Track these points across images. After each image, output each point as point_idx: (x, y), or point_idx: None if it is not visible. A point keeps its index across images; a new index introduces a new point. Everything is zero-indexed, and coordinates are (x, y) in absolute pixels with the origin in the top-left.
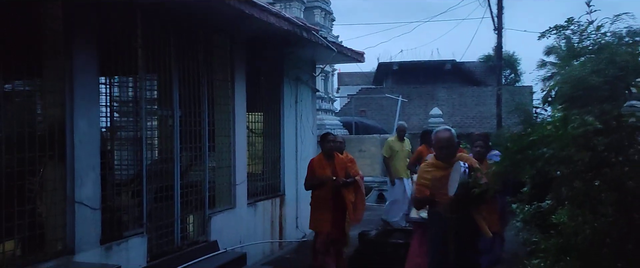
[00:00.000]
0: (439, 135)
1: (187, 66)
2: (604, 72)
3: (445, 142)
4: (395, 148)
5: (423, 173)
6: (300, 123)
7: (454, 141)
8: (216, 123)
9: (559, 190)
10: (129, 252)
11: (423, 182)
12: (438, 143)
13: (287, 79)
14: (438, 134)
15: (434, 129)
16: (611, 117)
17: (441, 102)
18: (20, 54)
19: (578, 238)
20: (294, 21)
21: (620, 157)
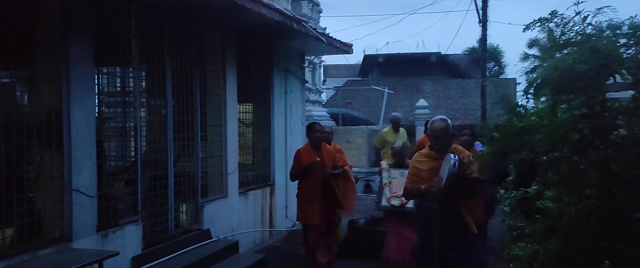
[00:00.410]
0: (434, 125)
1: (180, 57)
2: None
3: (440, 131)
4: (389, 139)
5: (416, 164)
6: (290, 113)
7: (449, 131)
8: (208, 113)
9: (545, 174)
10: (125, 239)
11: (416, 172)
12: (433, 132)
13: (277, 70)
14: (433, 124)
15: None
16: (596, 102)
17: (426, 94)
18: (17, 45)
19: (563, 220)
20: (285, 12)
21: (604, 139)
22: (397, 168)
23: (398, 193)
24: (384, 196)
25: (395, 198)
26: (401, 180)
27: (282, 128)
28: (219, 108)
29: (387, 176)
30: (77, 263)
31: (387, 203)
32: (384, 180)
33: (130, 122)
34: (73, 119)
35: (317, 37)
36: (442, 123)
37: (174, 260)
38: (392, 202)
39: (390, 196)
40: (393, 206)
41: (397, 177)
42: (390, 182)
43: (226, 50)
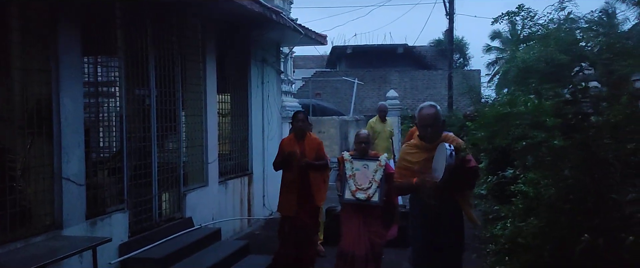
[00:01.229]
0: (423, 112)
1: (162, 47)
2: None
3: (430, 120)
4: (376, 129)
5: (405, 156)
6: (267, 104)
7: (439, 119)
8: (188, 103)
9: (524, 158)
10: (112, 227)
11: (405, 164)
12: (421, 121)
13: (254, 60)
14: (421, 111)
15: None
16: (578, 89)
17: (394, 85)
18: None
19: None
20: (264, 4)
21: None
22: (360, 159)
23: (363, 186)
24: (348, 189)
25: (361, 191)
26: (365, 173)
27: (259, 118)
28: (200, 98)
29: (350, 167)
30: (71, 250)
31: (352, 196)
32: (347, 172)
33: (116, 111)
34: (62, 107)
35: (294, 28)
36: (431, 110)
37: (159, 247)
38: (357, 195)
39: (355, 189)
40: (358, 200)
41: (361, 169)
42: (354, 174)
43: (206, 41)
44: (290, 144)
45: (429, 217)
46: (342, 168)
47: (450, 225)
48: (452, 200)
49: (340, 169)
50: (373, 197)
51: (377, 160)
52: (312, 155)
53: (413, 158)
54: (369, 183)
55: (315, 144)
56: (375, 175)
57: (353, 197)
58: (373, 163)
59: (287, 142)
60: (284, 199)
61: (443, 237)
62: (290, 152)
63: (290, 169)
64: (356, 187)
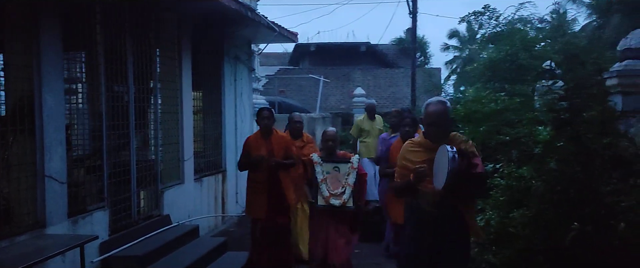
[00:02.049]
0: (429, 109)
1: (140, 43)
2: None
3: (436, 117)
4: (365, 127)
5: (407, 154)
6: (240, 101)
7: (448, 117)
8: (165, 100)
9: (509, 152)
10: (93, 225)
11: (406, 164)
12: (427, 118)
13: (227, 57)
14: (428, 108)
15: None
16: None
17: (357, 83)
18: None
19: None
20: (241, 1)
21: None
22: (330, 162)
23: (337, 191)
24: (321, 195)
25: (335, 197)
26: (336, 176)
27: (232, 116)
28: (176, 95)
29: (321, 171)
30: (59, 248)
31: (326, 203)
32: (318, 176)
33: (95, 108)
34: (44, 104)
35: (268, 25)
36: (438, 106)
37: (140, 245)
38: (332, 202)
39: (329, 195)
40: (333, 206)
41: (331, 172)
42: (325, 178)
43: (181, 37)
44: (256, 143)
45: (426, 227)
46: (311, 172)
47: (452, 239)
48: (454, 209)
49: (309, 173)
50: (348, 202)
51: (348, 162)
52: (280, 153)
53: (415, 158)
54: (342, 188)
55: (284, 142)
56: (348, 179)
57: (327, 204)
58: (344, 166)
59: (253, 141)
60: (253, 201)
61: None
62: (257, 156)
63: (258, 170)
64: (329, 193)
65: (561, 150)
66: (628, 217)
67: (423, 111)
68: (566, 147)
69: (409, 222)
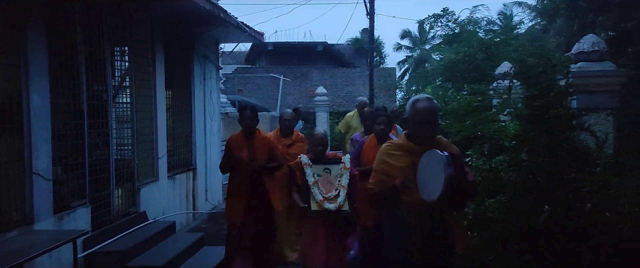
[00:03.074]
0: (419, 106)
1: (117, 42)
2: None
3: (431, 114)
4: (353, 125)
5: (386, 157)
6: (209, 100)
7: (438, 116)
8: (139, 98)
9: (481, 146)
10: (77, 221)
11: (385, 168)
12: (418, 116)
13: (197, 57)
14: (417, 105)
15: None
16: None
17: (314, 83)
18: None
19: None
20: (213, 2)
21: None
22: (320, 164)
23: (330, 195)
24: (314, 199)
25: (329, 201)
26: (328, 178)
27: (201, 114)
28: (150, 94)
29: (311, 174)
30: (54, 243)
31: (320, 208)
32: (309, 180)
33: (77, 106)
34: (32, 103)
35: (238, 26)
36: (430, 102)
37: (120, 241)
38: (326, 206)
39: (322, 199)
40: (328, 211)
41: (322, 174)
42: (317, 181)
43: (155, 36)
44: (237, 143)
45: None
46: (301, 176)
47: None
48: (441, 220)
49: (298, 176)
50: (344, 205)
51: (340, 163)
52: (263, 156)
53: (396, 162)
54: (335, 190)
55: (267, 144)
56: (341, 180)
57: (321, 209)
58: (336, 167)
59: (234, 141)
60: (231, 205)
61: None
62: (237, 157)
63: (239, 172)
64: (323, 196)
65: (535, 142)
66: (592, 199)
67: (410, 110)
68: (539, 139)
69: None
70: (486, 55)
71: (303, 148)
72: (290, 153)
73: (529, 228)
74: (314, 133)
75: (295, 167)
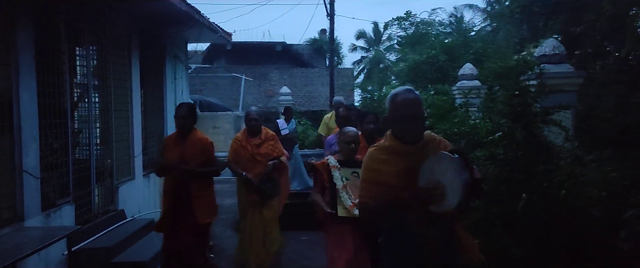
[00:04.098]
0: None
1: (97, 43)
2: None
3: (413, 107)
4: (332, 126)
5: (374, 164)
6: (181, 99)
7: (423, 109)
8: (116, 98)
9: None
10: (63, 219)
11: (375, 177)
12: (398, 110)
13: (168, 56)
14: (396, 99)
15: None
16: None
17: (273, 83)
18: None
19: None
20: (188, 3)
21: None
22: (348, 167)
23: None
24: (343, 204)
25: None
26: (355, 182)
27: (172, 113)
28: (126, 93)
29: (339, 177)
30: (50, 239)
31: (348, 214)
32: (337, 183)
33: (61, 105)
34: (21, 101)
35: (210, 26)
36: (411, 94)
37: (102, 238)
38: (355, 212)
39: (352, 205)
40: (356, 217)
41: (350, 177)
42: (346, 185)
43: (131, 37)
44: (170, 144)
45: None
46: (326, 178)
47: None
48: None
49: (324, 178)
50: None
51: None
52: (195, 158)
53: (387, 168)
54: None
55: (201, 145)
56: None
57: (350, 215)
58: None
59: (168, 142)
60: (163, 214)
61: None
62: (165, 162)
63: (168, 176)
64: (353, 202)
65: (514, 137)
66: (563, 187)
67: (389, 105)
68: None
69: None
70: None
71: (275, 146)
72: (261, 153)
73: (508, 214)
74: (344, 130)
75: (322, 168)
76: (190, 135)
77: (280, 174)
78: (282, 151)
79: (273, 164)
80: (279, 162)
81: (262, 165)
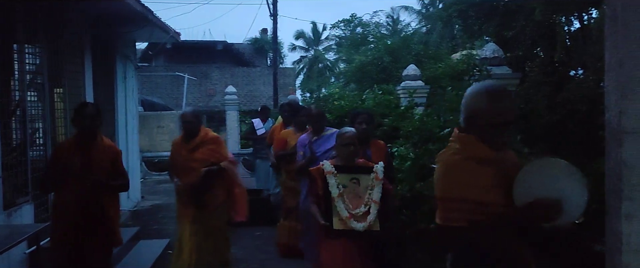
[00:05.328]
0: (503, 96)
1: (52, 41)
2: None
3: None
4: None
5: (461, 175)
6: (130, 98)
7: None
8: (70, 97)
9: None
10: (23, 218)
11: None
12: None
13: (118, 56)
14: (499, 96)
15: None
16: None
17: (214, 82)
18: None
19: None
20: (142, 3)
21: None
22: (347, 172)
23: (358, 211)
24: (339, 215)
25: (357, 219)
26: (356, 190)
27: (123, 113)
28: (80, 92)
29: (335, 184)
30: (22, 236)
31: (345, 226)
32: (333, 192)
33: (19, 105)
34: None
35: (162, 26)
36: (509, 91)
37: None
38: (352, 225)
39: (349, 215)
40: (355, 231)
41: (348, 184)
42: (342, 193)
43: (84, 35)
44: (70, 150)
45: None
46: (321, 185)
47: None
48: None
49: (318, 186)
50: (374, 225)
51: (371, 173)
52: (104, 169)
53: (477, 180)
54: (364, 205)
55: (111, 153)
56: (372, 194)
57: (346, 228)
58: (366, 177)
59: (65, 148)
60: (55, 238)
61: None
62: (69, 167)
63: (67, 187)
64: (349, 213)
65: None
66: None
67: (479, 102)
68: None
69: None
70: (392, 58)
71: (216, 150)
72: (196, 159)
73: None
74: (342, 131)
75: (316, 174)
76: (97, 140)
77: (227, 181)
78: (224, 155)
79: (207, 171)
80: (219, 168)
81: (197, 172)
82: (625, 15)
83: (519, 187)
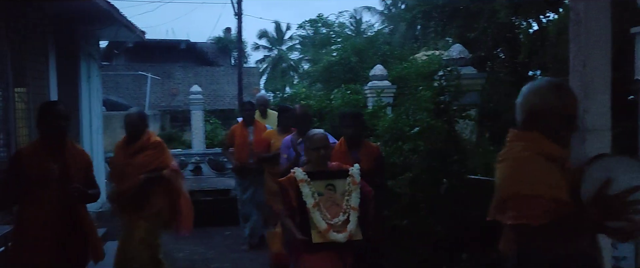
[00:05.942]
0: (571, 91)
1: (15, 41)
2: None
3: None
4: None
5: (541, 175)
6: (94, 98)
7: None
8: (34, 98)
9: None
10: None
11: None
12: (574, 106)
13: (82, 55)
14: (566, 91)
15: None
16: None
17: (178, 81)
18: None
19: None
20: (108, 1)
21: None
22: (321, 179)
23: (337, 221)
24: (317, 227)
25: (336, 229)
26: (332, 198)
27: (87, 113)
28: (44, 93)
29: (310, 193)
30: None
31: (324, 239)
32: (307, 202)
33: None
34: None
35: (127, 25)
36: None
37: None
38: (332, 237)
39: (327, 227)
40: (335, 242)
41: (324, 192)
42: (318, 203)
43: (47, 34)
44: (38, 156)
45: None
46: (294, 195)
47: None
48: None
49: (291, 196)
50: (356, 234)
51: (347, 176)
52: (79, 177)
53: (550, 177)
54: (343, 213)
55: (85, 160)
56: (350, 200)
57: (326, 240)
58: (342, 182)
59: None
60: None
61: None
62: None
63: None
64: (328, 224)
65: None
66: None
67: (551, 98)
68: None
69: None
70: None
71: (156, 156)
72: (134, 164)
73: (431, 198)
74: (310, 134)
75: (288, 184)
76: (68, 145)
77: (168, 191)
78: (165, 162)
79: (145, 178)
80: (158, 176)
81: (135, 178)
82: (588, 20)
83: (586, 184)
